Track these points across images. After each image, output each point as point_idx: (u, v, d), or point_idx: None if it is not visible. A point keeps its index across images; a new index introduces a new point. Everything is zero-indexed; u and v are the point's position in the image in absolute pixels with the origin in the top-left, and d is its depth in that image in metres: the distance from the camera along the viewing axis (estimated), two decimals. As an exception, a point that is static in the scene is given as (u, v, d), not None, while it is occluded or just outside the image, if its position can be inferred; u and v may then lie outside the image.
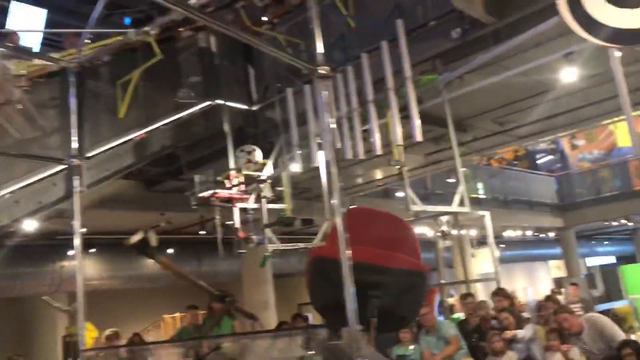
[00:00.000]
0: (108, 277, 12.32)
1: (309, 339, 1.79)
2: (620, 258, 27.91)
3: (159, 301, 16.27)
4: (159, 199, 10.20)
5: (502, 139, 9.91)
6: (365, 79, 5.91)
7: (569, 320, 6.32)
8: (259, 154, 7.07)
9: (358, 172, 11.66)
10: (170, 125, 7.53)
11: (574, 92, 7.88)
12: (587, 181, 20.84)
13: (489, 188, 18.12)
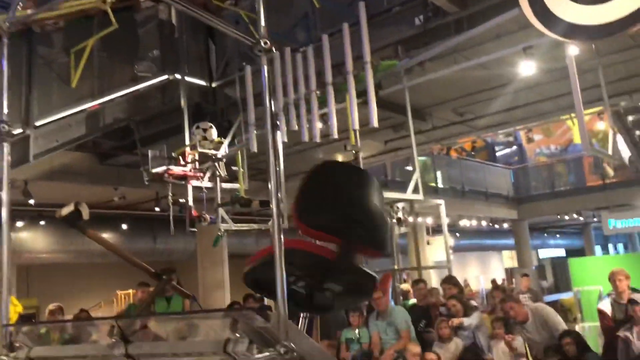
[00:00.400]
0: (59, 250, 12.04)
1: (236, 321, 1.75)
2: (570, 251, 28.84)
3: (114, 277, 16.03)
4: (112, 173, 9.98)
5: (460, 129, 10.01)
6: (325, 61, 5.84)
7: (514, 308, 6.48)
8: (215, 132, 6.94)
9: (318, 156, 11.62)
10: (126, 97, 7.33)
11: (532, 86, 8.00)
12: (543, 175, 21.36)
13: (447, 177, 18.39)
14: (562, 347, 6.04)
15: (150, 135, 8.28)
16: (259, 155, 8.92)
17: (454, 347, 6.76)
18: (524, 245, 21.22)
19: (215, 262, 11.59)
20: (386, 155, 11.45)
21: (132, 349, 1.98)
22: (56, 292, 11.92)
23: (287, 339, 1.77)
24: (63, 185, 9.56)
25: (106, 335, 2.10)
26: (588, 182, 20.09)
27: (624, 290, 6.47)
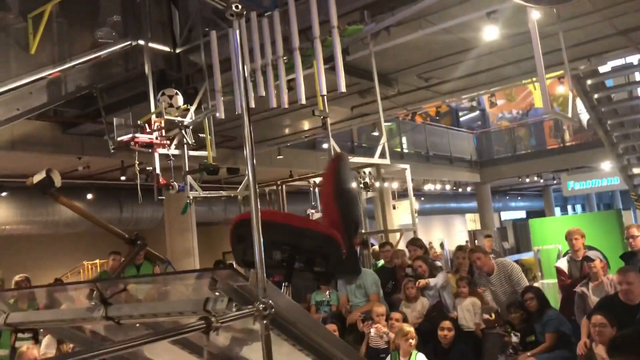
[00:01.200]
0: (23, 222, 11.84)
1: (215, 280, 1.81)
2: (530, 213, 29.69)
3: (79, 247, 15.87)
4: (76, 142, 9.79)
5: (426, 94, 10.12)
6: (291, 27, 5.82)
7: (482, 259, 6.71)
8: (181, 99, 6.87)
9: (285, 123, 11.63)
10: (88, 64, 7.17)
11: (495, 51, 8.12)
12: (505, 139, 21.78)
13: (411, 142, 18.61)
14: (524, 303, 6.30)
15: (114, 103, 8.14)
16: (225, 123, 8.90)
17: (420, 307, 6.98)
18: (486, 208, 21.74)
19: (183, 230, 11.58)
20: (353, 121, 11.51)
21: (111, 311, 2.02)
22: (21, 264, 11.78)
23: (265, 296, 1.84)
24: (25, 155, 9.35)
25: (84, 299, 2.14)
26: (548, 145, 20.59)
27: (579, 249, 6.75)
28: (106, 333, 2.69)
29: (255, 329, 2.32)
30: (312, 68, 5.91)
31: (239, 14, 1.91)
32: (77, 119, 9.25)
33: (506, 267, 6.81)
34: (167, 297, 2.06)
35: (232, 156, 12.34)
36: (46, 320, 2.27)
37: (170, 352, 2.68)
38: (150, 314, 1.95)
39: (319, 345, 2.21)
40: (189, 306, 1.87)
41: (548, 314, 6.22)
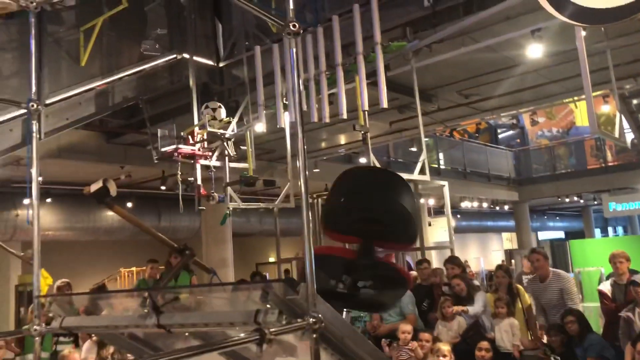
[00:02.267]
0: (64, 228, 12.14)
1: (266, 293, 1.83)
2: (568, 233, 29.01)
3: (116, 255, 16.16)
4: (119, 152, 10.04)
5: (465, 111, 10.05)
6: (334, 42, 5.88)
7: (540, 262, 6.68)
8: (223, 112, 6.99)
9: (322, 137, 11.68)
10: (134, 76, 7.37)
11: (539, 69, 8.03)
12: (544, 158, 21.41)
13: (449, 159, 18.45)
14: (565, 326, 6.16)
15: (158, 114, 8.33)
16: (262, 136, 9.00)
17: (456, 326, 6.88)
18: (524, 227, 21.34)
19: (219, 240, 11.70)
20: (390, 136, 11.49)
21: (163, 319, 2.06)
22: (61, 269, 12.01)
23: (315, 310, 1.86)
24: (70, 163, 9.63)
25: (128, 306, 2.19)
26: (589, 164, 20.16)
27: (624, 272, 6.58)
28: (145, 337, 2.75)
29: (293, 344, 2.34)
30: (353, 83, 5.94)
31: (296, 32, 1.95)
32: (121, 129, 9.49)
33: (562, 278, 6.71)
34: (218, 308, 2.09)
35: (269, 168, 12.46)
36: (100, 326, 2.34)
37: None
38: (201, 324, 1.98)
39: (365, 361, 2.21)
40: (240, 317, 1.90)
41: (590, 338, 6.06)
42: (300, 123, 2.04)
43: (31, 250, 2.38)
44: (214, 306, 2.09)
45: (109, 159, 9.99)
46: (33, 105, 2.47)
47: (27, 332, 2.36)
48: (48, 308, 2.38)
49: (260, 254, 20.71)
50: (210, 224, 11.51)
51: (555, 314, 6.62)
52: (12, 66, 6.17)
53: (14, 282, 13.39)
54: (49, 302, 2.40)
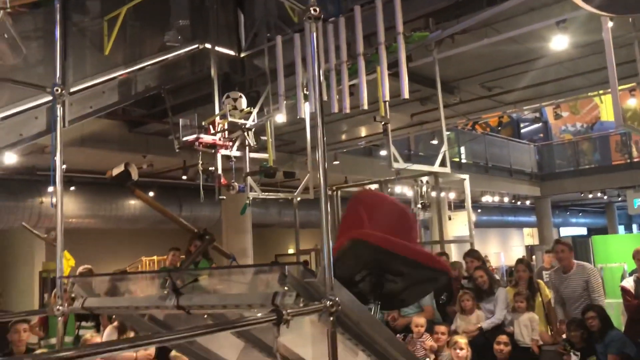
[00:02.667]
0: (86, 216, 12.32)
1: (284, 276, 1.85)
2: (591, 230, 28.62)
3: (138, 243, 16.36)
4: (141, 141, 10.15)
5: (488, 103, 9.95)
6: (356, 32, 5.85)
7: (565, 252, 6.63)
8: (244, 102, 7.01)
9: (342, 129, 11.67)
10: (156, 66, 7.43)
11: (563, 61, 7.91)
12: (567, 153, 21.13)
13: (470, 153, 18.31)
14: (585, 321, 6.09)
15: (180, 104, 8.40)
16: (283, 127, 9.01)
17: (475, 320, 6.85)
18: (545, 222, 21.11)
19: (239, 231, 11.79)
20: (411, 129, 11.44)
21: (183, 301, 2.09)
22: (83, 257, 12.19)
23: (332, 293, 1.87)
24: (93, 151, 9.77)
25: (156, 290, 2.22)
26: (614, 160, 19.84)
27: (648, 268, 6.49)
28: (165, 320, 2.78)
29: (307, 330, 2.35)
30: (374, 74, 5.92)
31: (317, 17, 1.95)
32: (144, 118, 9.59)
33: (586, 270, 6.66)
34: (236, 290, 2.11)
35: (289, 160, 12.49)
36: (121, 307, 2.37)
37: (230, 345, 2.75)
38: (219, 305, 2.01)
39: (380, 346, 2.21)
40: (258, 299, 1.92)
41: (611, 334, 5.99)
42: (320, 110, 2.04)
43: (54, 231, 2.43)
44: (233, 289, 2.11)
45: (132, 148, 10.11)
46: (58, 90, 2.51)
47: (50, 311, 2.41)
48: (70, 289, 2.42)
49: (280, 245, 20.81)
50: (231, 215, 11.60)
51: (575, 308, 6.56)
52: (38, 55, 6.26)
53: (38, 268, 13.65)
54: (71, 283, 2.45)
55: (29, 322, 6.44)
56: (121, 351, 4.61)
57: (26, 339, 6.10)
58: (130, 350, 6.02)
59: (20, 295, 13.58)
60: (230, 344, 2.66)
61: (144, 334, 2.72)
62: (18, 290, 13.69)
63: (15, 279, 13.82)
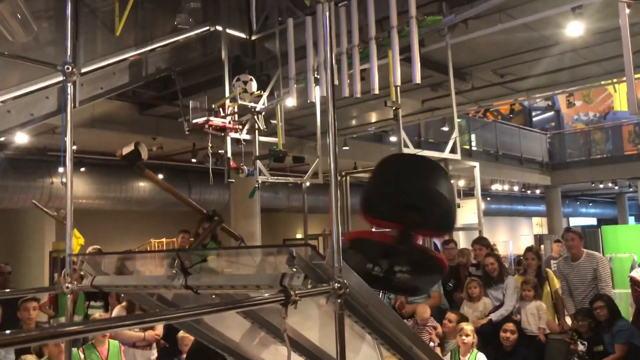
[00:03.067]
0: (97, 197, 12.38)
1: (292, 257, 1.84)
2: (601, 220, 28.44)
3: (147, 225, 16.46)
4: (151, 123, 10.16)
5: (500, 90, 9.86)
6: (369, 16, 5.80)
7: (575, 241, 6.62)
8: (255, 85, 6.98)
9: (352, 114, 11.62)
10: (167, 48, 7.40)
11: (577, 49, 7.81)
12: (579, 142, 20.95)
13: (481, 140, 18.20)
14: (593, 311, 6.07)
15: (190, 87, 8.38)
16: (293, 112, 8.98)
17: (482, 307, 6.86)
18: (555, 212, 21.00)
19: (248, 215, 11.80)
20: (422, 115, 11.37)
21: (191, 281, 2.10)
22: (92, 238, 12.31)
23: (340, 276, 1.86)
24: (104, 133, 9.80)
25: (164, 269, 2.23)
26: (626, 150, 19.66)
27: (658, 259, 6.45)
28: (174, 300, 2.80)
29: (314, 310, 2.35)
30: (386, 58, 5.87)
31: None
32: (154, 100, 9.59)
33: (595, 258, 6.64)
34: (244, 271, 2.11)
35: (298, 144, 12.47)
36: (129, 285, 2.38)
37: (237, 326, 2.76)
38: (227, 286, 2.01)
39: (389, 330, 2.21)
40: (266, 280, 1.92)
41: (619, 324, 5.98)
42: (332, 94, 2.02)
43: (64, 209, 2.43)
44: (241, 269, 2.11)
45: (142, 130, 10.12)
46: (68, 68, 2.50)
47: (59, 289, 2.43)
48: (80, 267, 2.44)
49: (288, 229, 20.87)
50: (240, 198, 11.61)
51: (583, 297, 6.54)
52: (49, 35, 6.25)
53: (48, 248, 13.78)
54: (81, 261, 2.46)
55: (39, 300, 6.52)
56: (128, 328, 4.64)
57: (36, 316, 6.17)
58: (137, 328, 6.12)
59: (30, 275, 13.72)
60: (237, 324, 2.67)
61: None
62: (29, 269, 13.83)
63: (25, 259, 13.96)
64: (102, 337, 5.79)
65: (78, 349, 5.73)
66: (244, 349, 3.02)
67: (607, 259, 7.09)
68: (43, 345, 5.22)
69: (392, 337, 2.23)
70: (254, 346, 3.00)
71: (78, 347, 5.82)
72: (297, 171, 11.50)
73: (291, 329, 2.64)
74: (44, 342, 3.34)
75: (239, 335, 2.78)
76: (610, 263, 10.06)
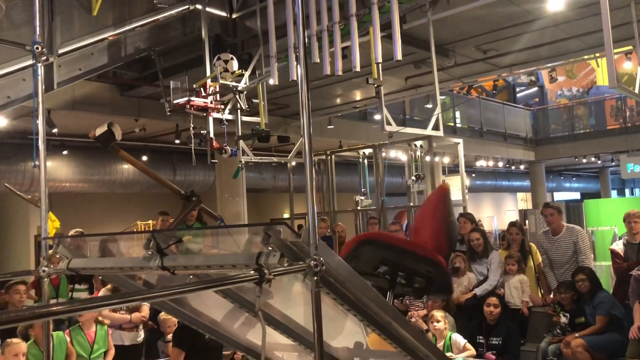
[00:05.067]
0: (80, 180, 12.26)
1: (268, 236, 1.83)
2: (585, 195, 28.78)
3: (132, 208, 16.38)
4: (133, 104, 10.05)
5: (483, 67, 9.85)
6: (349, -8, 5.73)
7: (554, 216, 6.72)
8: (236, 64, 6.91)
9: (337, 92, 11.57)
10: (146, 27, 7.28)
11: (558, 24, 7.80)
12: (563, 117, 21.08)
13: (465, 117, 18.24)
14: (575, 283, 6.16)
15: (171, 67, 8.28)
16: (278, 90, 8.91)
17: (467, 282, 6.93)
18: (539, 187, 21.20)
19: (233, 195, 11.80)
20: (406, 93, 11.34)
21: (167, 262, 2.09)
22: (76, 221, 12.23)
23: (316, 253, 1.86)
24: (85, 115, 9.67)
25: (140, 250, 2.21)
26: (608, 125, 19.83)
27: (637, 232, 6.53)
28: (158, 284, 2.80)
29: (298, 290, 2.36)
30: (368, 35, 5.82)
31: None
32: (135, 81, 9.47)
33: (575, 232, 6.74)
34: (221, 250, 2.10)
35: (283, 124, 12.42)
36: (105, 267, 2.37)
37: (219, 307, 2.76)
38: (204, 266, 2.00)
39: (367, 307, 2.22)
40: (242, 259, 1.91)
41: (600, 296, 6.08)
42: (305, 72, 2.00)
43: (38, 193, 2.40)
44: (218, 249, 2.11)
45: (123, 111, 10.01)
46: (38, 48, 2.44)
47: (35, 272, 2.41)
48: (55, 249, 2.42)
49: (274, 209, 20.88)
50: (225, 179, 11.58)
51: (564, 270, 6.65)
52: (24, 15, 6.12)
53: (33, 232, 13.68)
54: (57, 244, 2.44)
55: (27, 284, 6.51)
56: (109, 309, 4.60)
57: (18, 300, 6.15)
58: (123, 310, 6.12)
59: (16, 259, 13.64)
60: (219, 305, 2.67)
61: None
62: (14, 253, 13.74)
63: (11, 243, 13.86)
64: (90, 321, 5.80)
65: (64, 332, 5.73)
66: (226, 329, 3.03)
67: (586, 232, 7.19)
68: (29, 329, 5.21)
69: (370, 313, 2.24)
70: (238, 327, 3.01)
71: (63, 330, 5.82)
72: (283, 150, 11.46)
73: (277, 310, 2.65)
74: (22, 322, 3.33)
75: (220, 316, 2.78)
76: (593, 236, 10.21)
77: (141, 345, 6.48)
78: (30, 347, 5.03)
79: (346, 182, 15.21)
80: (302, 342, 2.71)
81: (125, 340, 6.29)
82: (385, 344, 2.46)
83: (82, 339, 5.77)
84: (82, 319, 5.81)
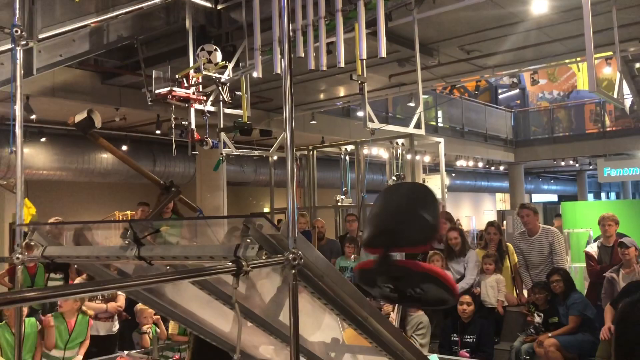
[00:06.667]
0: (58, 168, 12.08)
1: (247, 228, 1.83)
2: (562, 197, 29.17)
3: (111, 197, 16.20)
4: (114, 93, 9.93)
5: (466, 67, 9.92)
6: (335, -13, 5.72)
7: (530, 217, 6.79)
8: (219, 55, 6.85)
9: (321, 88, 11.56)
10: (130, 15, 7.17)
11: (542, 27, 7.89)
12: (543, 120, 21.33)
13: (447, 117, 18.36)
14: (550, 284, 6.25)
15: (154, 56, 8.20)
16: (262, 84, 8.86)
17: (443, 280, 6.98)
18: (518, 188, 21.44)
19: (214, 188, 11.73)
20: (389, 90, 11.38)
21: (144, 252, 2.07)
22: (54, 209, 12.07)
23: (295, 247, 1.86)
24: (64, 102, 9.54)
25: (117, 240, 2.19)
26: (587, 129, 20.12)
27: (611, 235, 6.65)
28: (134, 275, 2.77)
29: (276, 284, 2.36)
30: (353, 32, 5.82)
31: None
32: (117, 70, 9.36)
33: (551, 233, 6.84)
34: (199, 242, 2.09)
35: (266, 118, 12.38)
36: (81, 256, 2.34)
37: (197, 299, 2.74)
38: (181, 257, 1.99)
39: (344, 302, 2.23)
40: (220, 251, 1.91)
41: (573, 297, 6.18)
42: (289, 66, 1.99)
43: (14, 179, 2.36)
44: (196, 240, 2.09)
45: (104, 100, 9.89)
46: (17, 31, 2.40)
47: (9, 259, 2.37)
48: (30, 236, 2.38)
49: (255, 203, 20.82)
50: (205, 171, 11.51)
51: (539, 271, 6.74)
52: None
53: (8, 220, 13.47)
54: (31, 231, 2.40)
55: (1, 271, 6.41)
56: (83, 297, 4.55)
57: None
58: (99, 300, 6.08)
59: (-10, 247, 13.44)
60: (196, 297, 2.65)
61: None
62: (-12, 241, 13.53)
63: (-15, 230, 13.64)
64: (72, 311, 5.78)
65: (36, 319, 5.70)
66: (202, 322, 3.02)
67: (562, 234, 7.30)
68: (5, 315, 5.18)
69: (347, 307, 2.25)
70: (214, 319, 3.00)
71: (36, 317, 5.79)
72: (265, 145, 11.43)
73: (255, 303, 2.64)
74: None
75: (198, 308, 2.77)
76: (569, 238, 10.35)
77: (115, 337, 6.43)
78: (4, 330, 4.99)
79: (327, 178, 15.22)
80: (278, 336, 2.71)
81: (101, 330, 6.24)
82: (361, 340, 2.47)
83: (63, 328, 5.74)
84: (62, 309, 5.77)
